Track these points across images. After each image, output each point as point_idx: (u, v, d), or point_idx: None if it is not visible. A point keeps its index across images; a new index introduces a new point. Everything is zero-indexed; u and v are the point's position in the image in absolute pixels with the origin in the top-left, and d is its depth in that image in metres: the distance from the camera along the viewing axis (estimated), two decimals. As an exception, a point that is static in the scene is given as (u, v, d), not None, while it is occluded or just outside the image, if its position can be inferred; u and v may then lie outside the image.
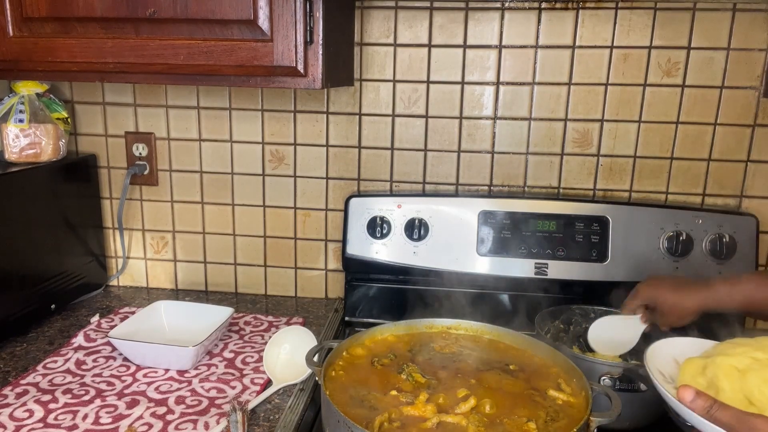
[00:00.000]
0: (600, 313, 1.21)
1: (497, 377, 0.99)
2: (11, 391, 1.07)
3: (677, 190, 1.41)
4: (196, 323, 1.26)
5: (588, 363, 1.06)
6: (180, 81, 1.15)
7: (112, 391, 1.08)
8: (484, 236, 1.36)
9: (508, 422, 0.87)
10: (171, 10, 1.06)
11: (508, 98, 1.40)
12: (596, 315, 1.20)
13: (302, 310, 1.50)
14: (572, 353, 1.09)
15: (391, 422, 0.86)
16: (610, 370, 1.05)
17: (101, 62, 1.11)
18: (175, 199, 1.55)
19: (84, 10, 1.08)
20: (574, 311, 1.25)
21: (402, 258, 1.38)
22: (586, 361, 1.06)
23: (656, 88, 1.36)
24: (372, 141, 1.46)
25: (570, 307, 1.25)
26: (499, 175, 1.44)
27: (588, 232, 1.34)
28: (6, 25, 1.11)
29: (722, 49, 1.32)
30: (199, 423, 0.99)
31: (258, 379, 1.14)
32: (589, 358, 1.08)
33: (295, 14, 1.04)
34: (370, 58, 1.41)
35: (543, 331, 1.19)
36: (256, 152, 1.50)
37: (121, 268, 1.60)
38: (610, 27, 1.34)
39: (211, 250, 1.57)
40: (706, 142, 1.37)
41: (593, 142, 1.40)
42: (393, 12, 1.38)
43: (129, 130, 1.52)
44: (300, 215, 1.52)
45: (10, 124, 1.33)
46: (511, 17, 1.36)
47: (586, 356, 1.09)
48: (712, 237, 1.31)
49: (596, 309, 1.23)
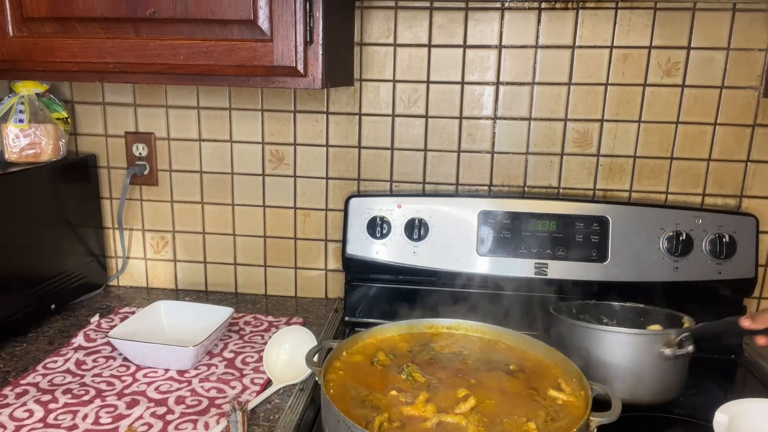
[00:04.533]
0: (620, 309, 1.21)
1: (497, 377, 0.99)
2: (11, 391, 1.07)
3: (677, 190, 1.41)
4: (196, 323, 1.26)
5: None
6: (180, 81, 1.14)
7: (112, 391, 1.08)
8: (484, 236, 1.36)
9: (508, 422, 0.87)
10: (171, 10, 1.06)
11: (508, 98, 1.40)
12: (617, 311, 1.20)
13: (302, 310, 1.50)
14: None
15: (390, 422, 0.86)
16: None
17: (101, 62, 1.11)
18: (175, 199, 1.55)
19: (84, 10, 1.08)
20: (589, 305, 1.24)
21: (402, 258, 1.38)
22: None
23: (656, 88, 1.36)
24: (372, 141, 1.46)
25: (586, 302, 1.24)
26: (499, 175, 1.44)
27: (588, 232, 1.34)
28: (6, 25, 1.11)
29: (722, 49, 1.32)
30: (199, 423, 0.99)
31: (258, 379, 1.14)
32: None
33: (295, 14, 1.04)
34: (370, 58, 1.41)
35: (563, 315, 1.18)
36: (256, 152, 1.50)
37: (121, 268, 1.60)
38: (610, 27, 1.34)
39: (211, 250, 1.57)
40: (706, 142, 1.37)
41: (593, 142, 1.40)
42: (393, 12, 1.38)
43: (129, 130, 1.52)
44: (300, 215, 1.52)
45: (10, 124, 1.33)
46: (511, 17, 1.36)
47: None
48: (712, 237, 1.31)
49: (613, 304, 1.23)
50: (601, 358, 1.07)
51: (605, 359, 1.07)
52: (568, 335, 1.12)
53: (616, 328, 1.12)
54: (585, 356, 1.07)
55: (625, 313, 1.22)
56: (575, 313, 1.22)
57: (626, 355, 1.07)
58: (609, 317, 1.23)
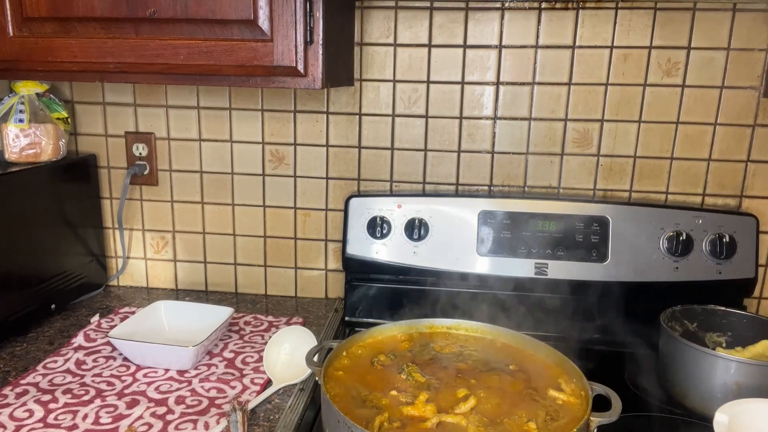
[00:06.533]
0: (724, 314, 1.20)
1: (497, 377, 0.99)
2: (11, 391, 1.07)
3: (677, 190, 1.41)
4: (196, 323, 1.26)
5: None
6: (180, 81, 1.14)
7: (112, 391, 1.08)
8: (484, 236, 1.36)
9: (508, 422, 0.87)
10: (171, 10, 1.06)
11: (508, 98, 1.40)
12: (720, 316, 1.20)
13: (302, 310, 1.50)
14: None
15: (391, 422, 0.86)
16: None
17: (101, 62, 1.11)
18: (175, 199, 1.55)
19: (84, 9, 1.08)
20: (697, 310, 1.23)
21: (402, 258, 1.38)
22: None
23: (656, 88, 1.36)
24: (372, 141, 1.46)
25: (693, 307, 1.23)
26: (499, 175, 1.44)
27: (588, 232, 1.34)
28: (6, 24, 1.11)
29: (722, 49, 1.32)
30: (199, 423, 0.99)
31: (258, 379, 1.14)
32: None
33: (295, 14, 1.04)
34: (370, 58, 1.41)
35: (672, 329, 1.17)
36: (256, 152, 1.50)
37: (121, 268, 1.60)
38: (610, 27, 1.34)
39: (211, 250, 1.57)
40: (706, 142, 1.37)
41: (593, 142, 1.40)
42: (393, 12, 1.38)
43: (129, 130, 1.52)
44: (300, 215, 1.52)
45: (10, 124, 1.33)
46: (511, 17, 1.36)
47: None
48: (712, 237, 1.31)
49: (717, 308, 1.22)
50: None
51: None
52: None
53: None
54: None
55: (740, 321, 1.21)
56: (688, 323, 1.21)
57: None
58: (718, 328, 1.22)
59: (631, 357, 1.28)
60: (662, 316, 1.17)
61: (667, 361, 1.14)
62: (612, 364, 1.25)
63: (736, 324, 1.21)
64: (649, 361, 1.23)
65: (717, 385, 1.05)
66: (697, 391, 1.08)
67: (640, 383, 1.20)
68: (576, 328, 1.34)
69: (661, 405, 1.13)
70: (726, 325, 1.21)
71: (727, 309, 1.22)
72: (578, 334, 1.33)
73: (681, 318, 1.21)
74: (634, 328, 1.30)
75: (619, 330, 1.33)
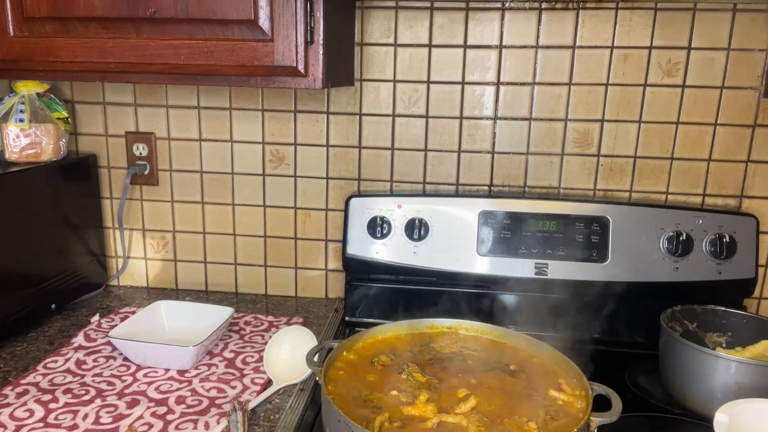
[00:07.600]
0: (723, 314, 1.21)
1: (497, 377, 0.99)
2: (11, 391, 1.07)
3: (677, 190, 1.41)
4: (196, 323, 1.26)
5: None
6: (180, 81, 1.14)
7: (113, 391, 1.08)
8: (484, 236, 1.36)
9: (508, 422, 0.87)
10: (172, 10, 1.06)
11: (509, 98, 1.40)
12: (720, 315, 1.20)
13: (302, 310, 1.50)
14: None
15: (391, 422, 0.86)
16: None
17: (102, 62, 1.11)
18: (175, 199, 1.55)
19: (85, 9, 1.08)
20: (697, 310, 1.23)
21: (402, 258, 1.38)
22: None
23: (656, 89, 1.36)
24: (372, 141, 1.46)
25: (693, 307, 1.22)
26: (500, 175, 1.44)
27: (588, 232, 1.34)
28: (6, 24, 1.11)
29: (722, 50, 1.32)
30: (200, 423, 0.99)
31: (258, 379, 1.14)
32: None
33: (296, 14, 1.04)
34: (371, 58, 1.41)
35: (673, 329, 1.17)
36: (256, 152, 1.50)
37: (121, 267, 1.60)
38: (610, 27, 1.34)
39: (211, 250, 1.57)
40: (706, 142, 1.37)
41: (593, 142, 1.40)
42: (393, 12, 1.38)
43: (129, 130, 1.52)
44: (300, 215, 1.52)
45: (11, 123, 1.33)
46: (511, 17, 1.36)
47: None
48: (712, 237, 1.31)
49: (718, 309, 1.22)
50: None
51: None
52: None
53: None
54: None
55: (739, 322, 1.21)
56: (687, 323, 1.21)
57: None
58: (718, 328, 1.22)
59: (632, 357, 1.29)
60: (662, 316, 1.17)
61: (667, 361, 1.14)
62: (612, 364, 1.25)
63: (736, 324, 1.21)
64: (649, 361, 1.23)
65: (717, 385, 1.05)
66: (697, 391, 1.08)
67: (640, 383, 1.20)
68: (576, 328, 1.33)
69: (661, 405, 1.13)
70: (726, 325, 1.22)
71: (727, 309, 1.22)
72: (578, 334, 1.32)
73: (681, 318, 1.21)
74: (634, 328, 1.30)
75: (620, 330, 1.33)
